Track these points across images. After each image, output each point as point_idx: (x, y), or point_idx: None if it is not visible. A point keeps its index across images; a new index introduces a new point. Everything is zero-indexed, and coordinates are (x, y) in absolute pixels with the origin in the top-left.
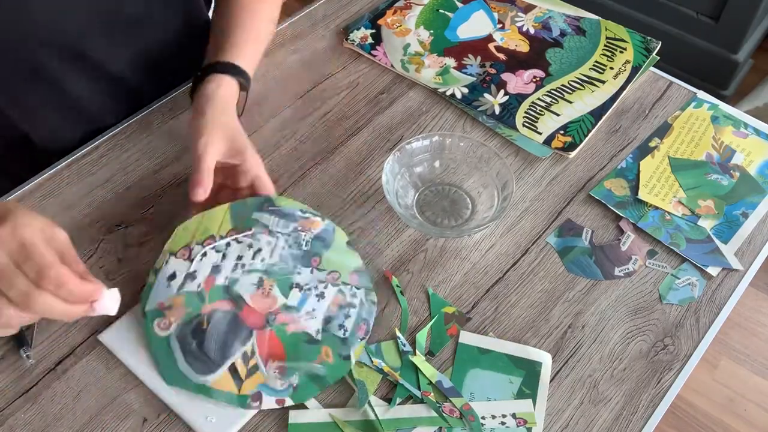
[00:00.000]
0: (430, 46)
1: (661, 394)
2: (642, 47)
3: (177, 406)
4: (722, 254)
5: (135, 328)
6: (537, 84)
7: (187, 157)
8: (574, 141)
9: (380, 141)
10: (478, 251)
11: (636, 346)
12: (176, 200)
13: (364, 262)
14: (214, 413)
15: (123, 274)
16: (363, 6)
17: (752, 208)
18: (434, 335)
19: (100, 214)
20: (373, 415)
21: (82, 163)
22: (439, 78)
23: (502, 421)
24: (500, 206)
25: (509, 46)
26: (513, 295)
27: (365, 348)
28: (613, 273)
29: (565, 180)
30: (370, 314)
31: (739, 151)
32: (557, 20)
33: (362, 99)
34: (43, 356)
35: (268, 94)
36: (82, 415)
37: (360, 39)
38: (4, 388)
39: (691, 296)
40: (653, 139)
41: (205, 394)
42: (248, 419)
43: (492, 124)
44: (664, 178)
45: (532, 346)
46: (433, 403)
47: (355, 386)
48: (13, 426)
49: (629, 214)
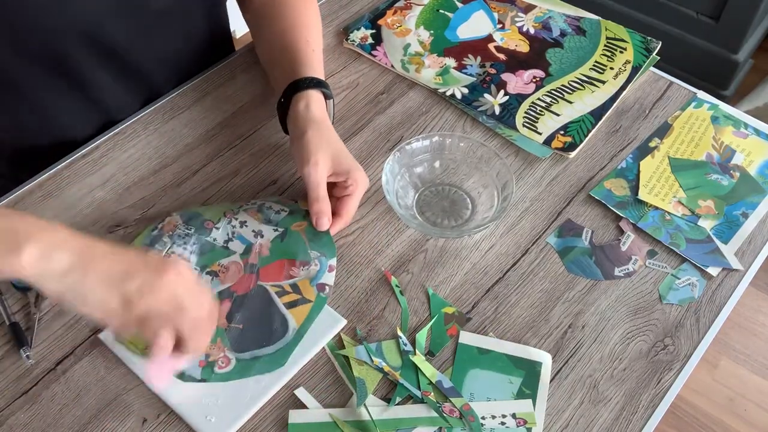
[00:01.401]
0: (430, 46)
1: (661, 394)
2: (642, 47)
3: (177, 407)
4: (722, 254)
5: None
6: (537, 84)
7: (188, 158)
8: (574, 141)
9: (380, 141)
10: (478, 251)
11: (636, 346)
12: (176, 200)
13: (364, 262)
14: (213, 413)
15: None
16: (363, 6)
17: (752, 208)
18: (434, 335)
19: (100, 214)
20: (368, 416)
21: (82, 163)
22: (439, 78)
23: (502, 421)
24: (500, 206)
25: (509, 46)
26: (513, 295)
27: (366, 347)
28: (613, 273)
29: (565, 180)
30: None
31: (739, 152)
32: (557, 20)
33: (362, 99)
34: (43, 356)
35: (269, 94)
36: (82, 415)
37: (360, 39)
38: (4, 388)
39: (691, 296)
40: (653, 139)
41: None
42: (248, 418)
43: (492, 125)
44: (664, 178)
45: (532, 346)
46: (434, 403)
47: (354, 389)
48: (13, 426)
49: (629, 214)
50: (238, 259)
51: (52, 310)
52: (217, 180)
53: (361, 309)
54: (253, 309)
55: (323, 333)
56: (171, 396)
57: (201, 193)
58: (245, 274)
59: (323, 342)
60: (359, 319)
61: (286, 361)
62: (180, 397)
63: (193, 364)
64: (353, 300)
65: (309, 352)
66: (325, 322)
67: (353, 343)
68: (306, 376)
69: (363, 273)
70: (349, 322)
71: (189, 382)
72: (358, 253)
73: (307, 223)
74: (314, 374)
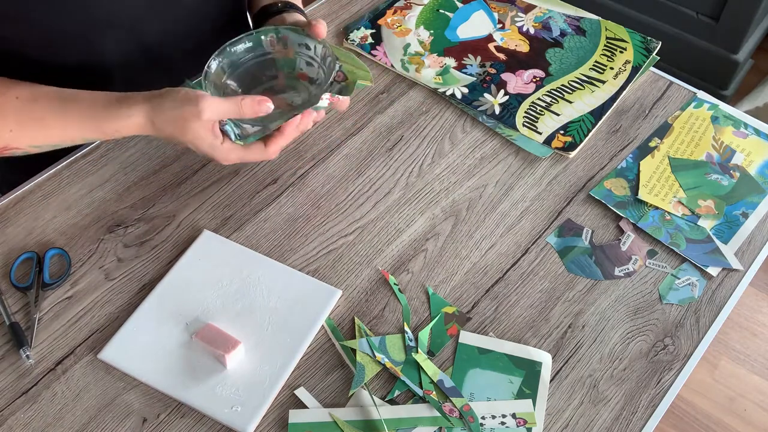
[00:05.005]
0: (430, 46)
1: (661, 394)
2: (642, 47)
3: (193, 400)
4: (722, 254)
5: (134, 339)
6: (537, 84)
7: (188, 157)
8: (574, 141)
9: (380, 141)
10: (478, 251)
11: (636, 346)
12: (176, 200)
13: (364, 262)
14: (237, 403)
15: (123, 274)
16: (363, 6)
17: (752, 208)
18: (434, 335)
19: (100, 214)
20: (371, 400)
21: (82, 163)
22: (439, 78)
23: (502, 421)
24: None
25: (509, 46)
26: (513, 295)
27: (369, 341)
28: (613, 273)
29: (565, 180)
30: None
31: (739, 151)
32: (557, 20)
33: (362, 99)
34: (43, 356)
35: None
36: (82, 415)
37: (360, 39)
38: (4, 388)
39: (691, 296)
40: (653, 139)
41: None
42: (272, 401)
43: (492, 124)
44: (664, 178)
45: (532, 346)
46: (435, 402)
47: (353, 367)
48: (13, 426)
49: (629, 214)
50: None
51: (52, 310)
52: (218, 180)
53: (361, 308)
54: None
55: (321, 307)
56: (187, 391)
57: (201, 193)
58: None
59: (322, 317)
60: (360, 319)
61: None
62: (196, 390)
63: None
64: (353, 300)
65: (310, 331)
66: (321, 295)
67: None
68: (306, 376)
69: (363, 273)
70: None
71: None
72: (358, 253)
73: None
74: (314, 374)
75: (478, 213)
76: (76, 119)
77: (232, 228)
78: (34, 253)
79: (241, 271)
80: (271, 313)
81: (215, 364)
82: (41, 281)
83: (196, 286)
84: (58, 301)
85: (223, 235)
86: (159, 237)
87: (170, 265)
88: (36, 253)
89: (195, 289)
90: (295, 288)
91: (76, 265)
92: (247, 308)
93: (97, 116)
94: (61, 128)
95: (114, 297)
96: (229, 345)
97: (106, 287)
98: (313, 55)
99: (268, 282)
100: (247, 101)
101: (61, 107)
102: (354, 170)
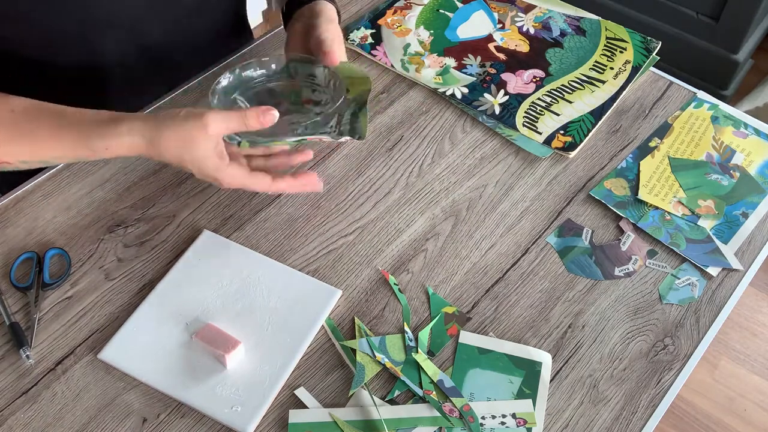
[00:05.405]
0: (430, 46)
1: (661, 394)
2: (642, 47)
3: (193, 400)
4: (722, 254)
5: (134, 339)
6: (537, 84)
7: None
8: (574, 141)
9: (380, 141)
10: (478, 251)
11: (636, 346)
12: (176, 200)
13: (364, 262)
14: (237, 403)
15: (123, 274)
16: (363, 6)
17: (752, 208)
18: (434, 335)
19: (100, 214)
20: (371, 400)
21: (82, 163)
22: (439, 78)
23: (502, 421)
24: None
25: (509, 46)
26: (513, 295)
27: (369, 341)
28: (613, 273)
29: (565, 180)
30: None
31: (739, 151)
32: (557, 20)
33: None
34: (43, 356)
35: None
36: (82, 415)
37: (360, 39)
38: (4, 388)
39: (691, 296)
40: (653, 139)
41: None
42: (271, 401)
43: (492, 124)
44: (664, 178)
45: (532, 346)
46: (435, 402)
47: (353, 367)
48: (13, 426)
49: (629, 214)
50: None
51: (52, 310)
52: None
53: (361, 308)
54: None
55: (321, 307)
56: (187, 391)
57: (201, 193)
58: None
59: (322, 317)
60: (360, 319)
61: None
62: (197, 390)
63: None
64: (353, 300)
65: (310, 331)
66: (321, 295)
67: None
68: (306, 376)
69: (363, 273)
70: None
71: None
72: (358, 253)
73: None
74: (314, 374)
75: (478, 213)
76: (66, 135)
77: (232, 228)
78: (34, 253)
79: (241, 271)
80: (271, 313)
81: (215, 364)
82: (41, 281)
83: (196, 286)
84: (58, 301)
85: (223, 235)
86: (159, 237)
87: (170, 265)
88: (36, 253)
89: (195, 289)
90: (295, 288)
91: (76, 265)
92: (247, 308)
93: (90, 132)
94: (51, 144)
95: (114, 297)
96: (229, 345)
97: (106, 287)
98: (320, 82)
99: (268, 282)
100: (251, 111)
101: (56, 123)
102: (354, 170)
